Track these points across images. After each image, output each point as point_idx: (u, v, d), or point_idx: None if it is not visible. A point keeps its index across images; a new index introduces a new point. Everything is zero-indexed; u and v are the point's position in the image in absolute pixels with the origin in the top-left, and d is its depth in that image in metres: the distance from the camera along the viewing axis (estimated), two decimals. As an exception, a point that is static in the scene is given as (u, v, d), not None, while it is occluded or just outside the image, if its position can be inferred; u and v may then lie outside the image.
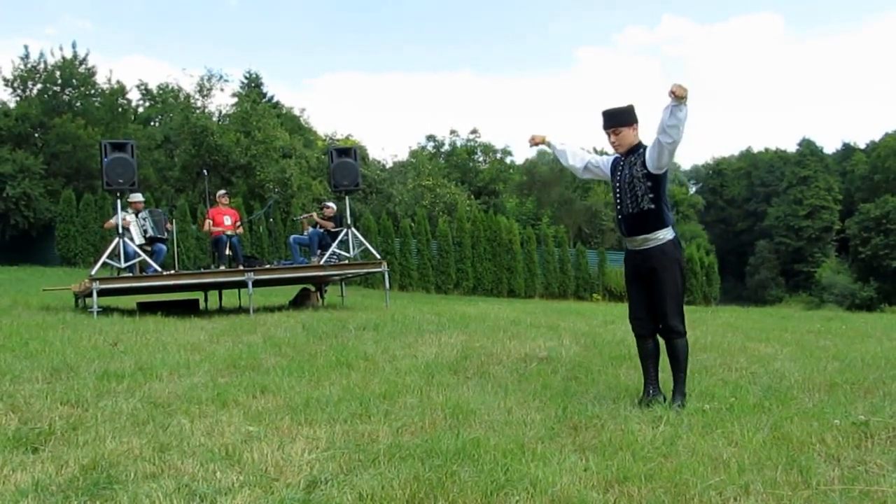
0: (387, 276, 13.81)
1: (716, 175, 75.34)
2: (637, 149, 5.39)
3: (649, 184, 5.28)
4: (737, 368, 6.92)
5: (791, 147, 70.01)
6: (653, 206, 5.29)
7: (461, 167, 52.17)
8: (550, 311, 14.93)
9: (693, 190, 76.94)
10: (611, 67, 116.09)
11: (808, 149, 65.75)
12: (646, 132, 5.46)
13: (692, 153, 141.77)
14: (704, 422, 4.81)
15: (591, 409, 5.13)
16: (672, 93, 4.93)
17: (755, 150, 75.84)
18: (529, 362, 7.17)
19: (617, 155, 5.58)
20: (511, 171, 56.16)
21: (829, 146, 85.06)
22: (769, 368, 6.87)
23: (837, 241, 62.97)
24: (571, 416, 4.98)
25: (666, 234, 5.35)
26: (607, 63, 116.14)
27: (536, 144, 5.98)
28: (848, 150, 70.66)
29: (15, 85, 34.70)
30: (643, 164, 5.29)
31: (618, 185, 5.46)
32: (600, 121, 5.46)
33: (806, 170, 63.62)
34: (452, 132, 56.04)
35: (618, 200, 5.48)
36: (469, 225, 34.05)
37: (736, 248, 66.41)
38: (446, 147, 55.30)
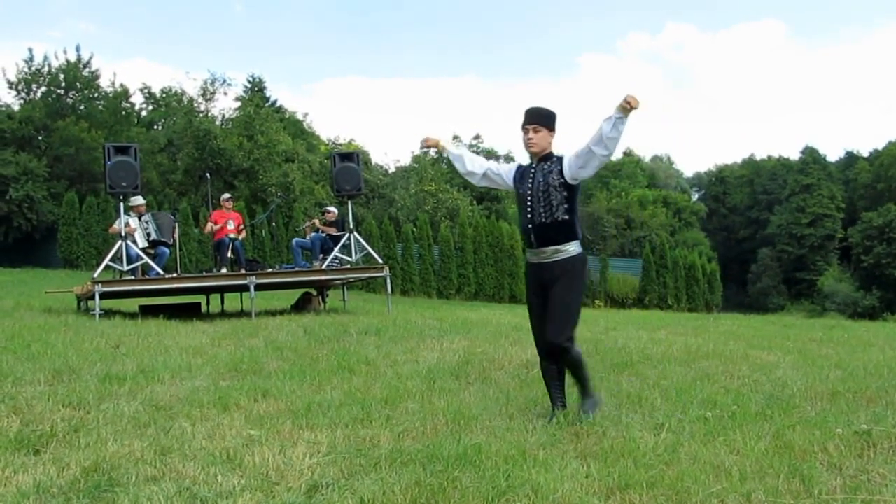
0: (388, 280, 13.82)
1: (718, 182, 75.34)
2: (550, 157, 5.16)
3: (565, 193, 5.06)
4: (739, 376, 6.91)
5: (794, 155, 70.06)
6: (567, 217, 5.07)
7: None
8: (552, 318, 14.92)
9: (695, 197, 76.94)
10: (613, 74, 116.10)
11: (811, 157, 65.71)
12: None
13: (695, 160, 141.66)
14: (706, 429, 4.80)
15: (593, 415, 5.12)
16: (628, 102, 4.78)
17: (758, 157, 75.86)
18: (531, 368, 7.15)
19: (519, 164, 5.41)
20: (514, 176, 56.10)
21: (832, 154, 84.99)
22: (771, 377, 6.85)
23: (840, 250, 62.87)
24: (573, 422, 4.97)
25: (576, 248, 5.14)
26: (610, 70, 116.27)
27: (429, 147, 5.76)
28: (851, 159, 70.65)
29: (19, 88, 34.79)
30: (560, 172, 5.07)
31: (529, 192, 5.16)
32: (524, 116, 5.20)
33: (809, 178, 63.55)
34: (455, 138, 55.97)
35: (528, 209, 5.15)
36: (471, 230, 34.05)
37: (738, 255, 66.33)
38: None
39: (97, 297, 11.36)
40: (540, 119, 5.16)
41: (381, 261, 14.46)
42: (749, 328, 13.20)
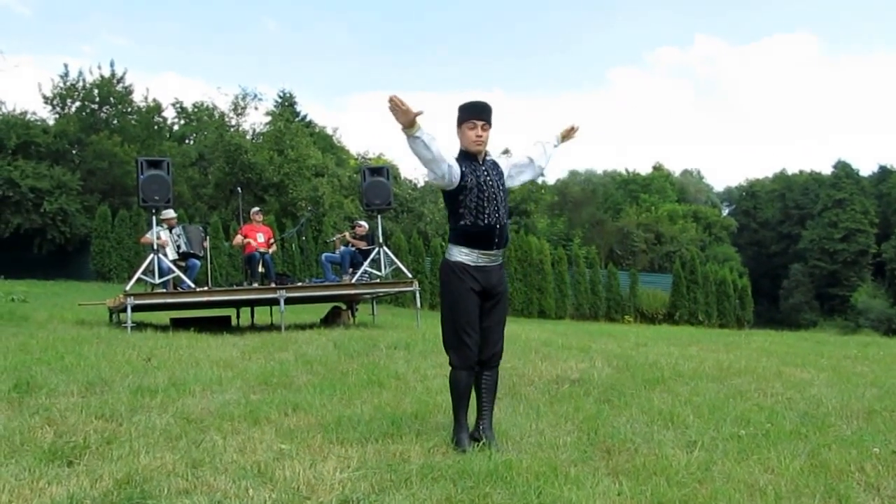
0: (418, 295, 13.83)
1: (749, 197, 74.73)
2: (487, 158, 4.89)
3: (507, 196, 4.95)
4: (772, 394, 6.84)
5: (826, 169, 69.26)
6: (508, 221, 4.94)
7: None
8: (582, 333, 14.89)
9: (726, 212, 76.31)
10: (642, 88, 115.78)
11: (844, 171, 65.02)
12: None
13: (725, 175, 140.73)
14: (740, 447, 4.75)
15: (624, 432, 5.09)
16: (573, 130, 4.97)
17: (789, 171, 75.19)
18: (561, 384, 7.13)
19: (456, 157, 4.82)
20: (542, 191, 56.08)
21: (865, 168, 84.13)
22: (805, 394, 6.78)
23: (873, 265, 62.12)
24: (604, 439, 4.94)
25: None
26: (639, 83, 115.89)
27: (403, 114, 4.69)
28: (884, 173, 69.78)
29: (54, 103, 35.26)
30: (501, 174, 4.89)
31: (493, 190, 4.79)
32: (471, 111, 4.80)
33: (841, 192, 62.90)
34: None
35: (495, 208, 4.77)
36: (500, 245, 33.95)
37: (769, 270, 65.68)
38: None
39: (129, 309, 11.44)
40: (490, 116, 4.83)
41: (410, 275, 14.48)
42: (781, 344, 13.07)
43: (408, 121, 4.53)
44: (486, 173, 4.83)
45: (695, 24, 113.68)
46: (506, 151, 38.83)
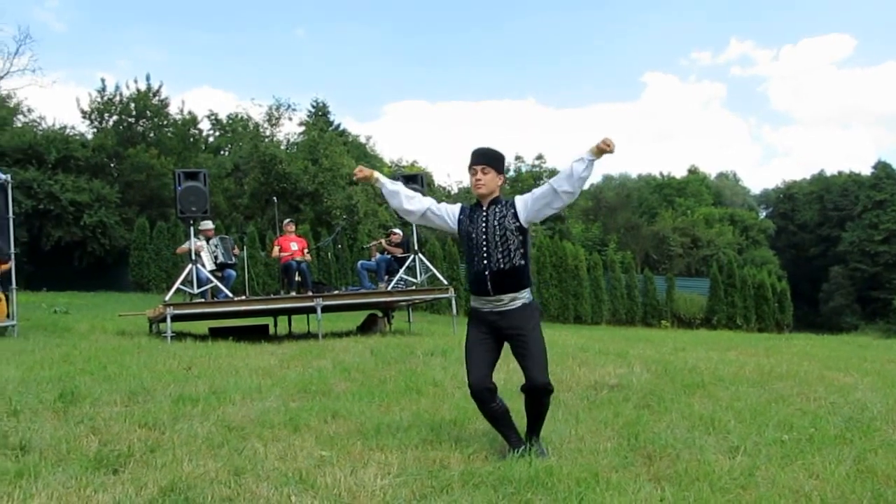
0: (454, 301, 13.84)
1: (786, 199, 73.85)
2: (498, 201, 4.95)
3: (521, 237, 4.86)
4: (815, 398, 6.74)
5: (865, 170, 68.35)
6: (523, 263, 4.87)
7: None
8: (618, 338, 14.79)
9: (763, 215, 75.51)
10: (677, 92, 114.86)
11: (884, 171, 63.98)
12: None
13: (762, 177, 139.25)
14: (783, 453, 4.70)
15: (665, 437, 5.05)
16: (606, 145, 4.67)
17: (828, 173, 74.29)
18: (600, 390, 7.10)
19: (463, 206, 5.11)
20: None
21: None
22: (849, 398, 6.67)
23: (917, 267, 61.13)
24: (645, 444, 4.91)
25: (530, 294, 4.95)
26: (673, 87, 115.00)
27: (362, 179, 5.23)
28: (925, 173, 68.72)
29: (92, 117, 35.84)
30: (514, 216, 4.86)
31: (484, 237, 4.87)
32: (468, 158, 4.98)
33: (882, 193, 61.90)
34: (518, 158, 56.14)
35: (484, 255, 4.86)
36: (535, 251, 33.90)
37: (808, 273, 64.80)
38: (511, 173, 55.30)
39: (169, 319, 11.57)
40: (489, 160, 4.94)
41: (445, 282, 14.49)
42: (823, 348, 12.91)
43: (367, 180, 5.25)
44: (484, 220, 4.91)
45: (729, 28, 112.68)
46: (539, 157, 38.57)
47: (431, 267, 14.66)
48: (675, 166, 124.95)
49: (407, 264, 14.21)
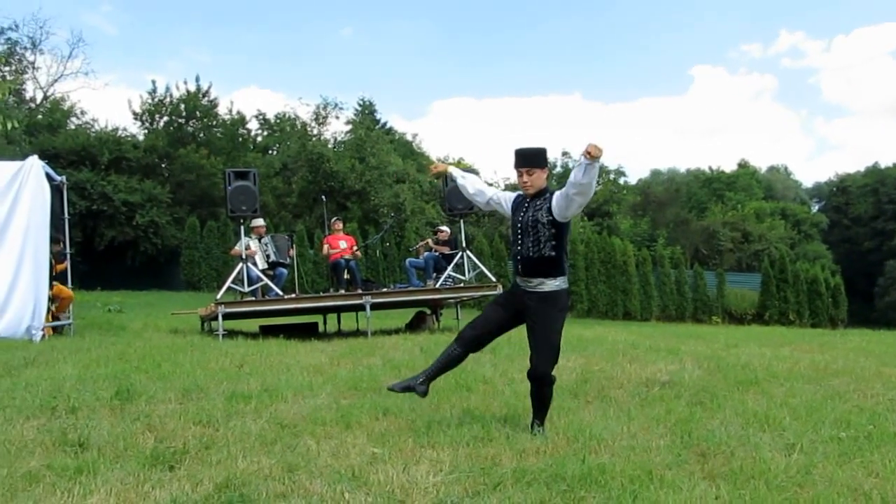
0: (502, 299, 13.79)
1: (840, 193, 72.49)
2: (543, 193, 5.29)
3: (553, 231, 5.19)
4: (872, 395, 6.63)
5: (921, 161, 66.94)
6: (553, 254, 5.20)
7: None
8: (669, 334, 14.68)
9: (815, 208, 74.31)
10: (726, 85, 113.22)
11: (941, 163, 62.72)
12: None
13: (814, 171, 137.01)
14: (840, 450, 4.63)
15: (719, 435, 5.00)
16: (587, 153, 4.84)
17: (882, 165, 72.78)
18: (651, 386, 7.05)
19: (518, 193, 5.51)
20: (625, 191, 55.45)
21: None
22: (908, 395, 6.55)
23: (975, 260, 59.67)
24: (698, 442, 4.87)
25: (561, 283, 5.26)
26: (722, 81, 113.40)
27: (437, 175, 6.18)
28: (984, 164, 67.05)
29: (143, 118, 36.42)
30: (549, 210, 5.19)
31: (520, 225, 5.33)
32: (512, 159, 5.35)
33: (939, 185, 60.70)
34: (564, 154, 55.81)
35: (518, 241, 5.34)
36: (583, 247, 33.72)
37: (863, 268, 63.51)
38: (558, 169, 54.98)
39: (220, 317, 11.71)
40: (530, 161, 5.29)
41: (493, 279, 14.47)
42: (880, 344, 12.67)
43: (442, 175, 6.00)
44: (524, 210, 5.34)
45: (778, 19, 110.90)
46: (565, 154, 38.19)
47: (479, 264, 14.63)
48: (724, 160, 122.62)
49: (455, 261, 14.20)
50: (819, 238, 63.25)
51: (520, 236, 5.31)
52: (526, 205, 5.34)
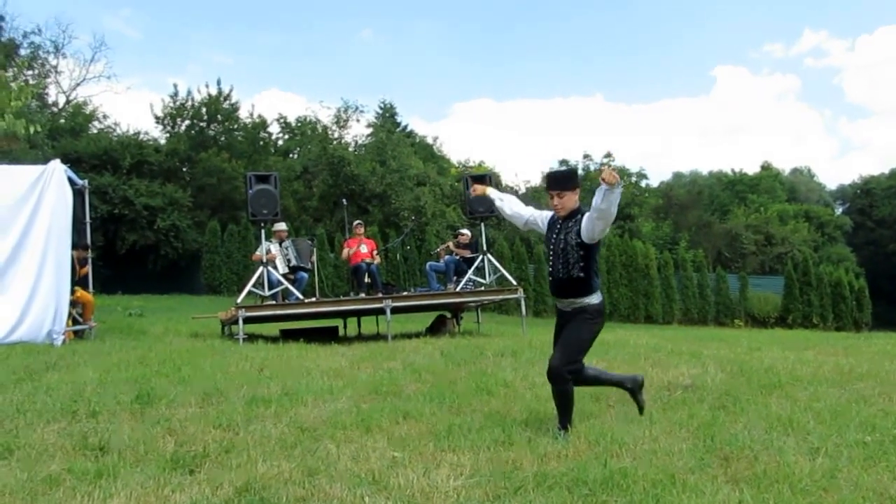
0: (523, 302, 13.77)
1: (864, 195, 71.88)
2: (575, 214, 5.48)
3: (581, 252, 5.36)
4: (898, 399, 6.55)
5: (948, 163, 66.23)
6: (582, 275, 5.38)
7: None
8: (691, 338, 14.57)
9: (839, 211, 73.64)
10: (748, 85, 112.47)
11: (967, 165, 62.09)
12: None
13: (837, 172, 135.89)
14: (866, 454, 4.57)
15: (742, 439, 4.96)
16: (603, 179, 5.01)
17: (907, 166, 72.13)
18: (673, 390, 7.00)
19: (554, 214, 5.67)
20: (647, 194, 55.25)
21: None
22: (935, 399, 6.47)
23: None
24: (721, 446, 4.82)
25: (592, 299, 5.46)
26: (744, 81, 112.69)
27: (477, 195, 6.56)
28: None
29: (165, 122, 36.61)
30: (578, 232, 5.36)
31: (552, 246, 5.54)
32: (547, 184, 5.63)
33: (965, 187, 60.07)
34: (586, 156, 55.59)
35: (550, 261, 5.56)
36: (604, 250, 33.58)
37: (888, 270, 62.92)
38: (580, 171, 54.85)
39: (241, 321, 11.73)
40: (561, 184, 5.52)
41: (514, 282, 14.44)
42: (905, 347, 12.51)
43: (482, 195, 6.47)
44: (556, 231, 5.54)
45: (801, 19, 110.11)
46: (607, 155, 38.20)
47: (500, 267, 14.61)
48: (747, 162, 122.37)
49: (475, 265, 14.19)
50: (843, 240, 62.74)
51: (551, 257, 5.53)
52: (559, 225, 5.53)
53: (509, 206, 6.05)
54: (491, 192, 6.27)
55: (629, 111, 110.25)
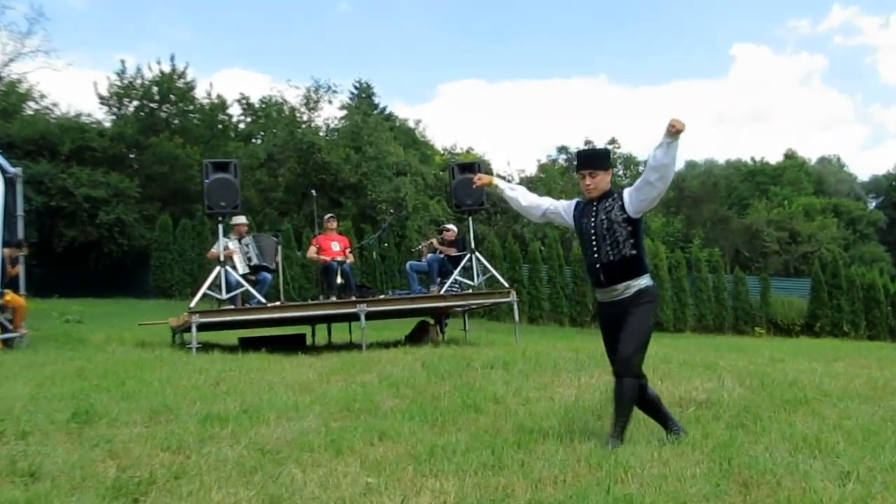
0: (516, 306, 13.77)
1: (900, 187, 72.57)
2: (610, 194, 5.70)
3: (630, 228, 5.60)
4: (939, 416, 6.58)
5: None
6: (634, 252, 5.61)
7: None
8: (706, 347, 14.63)
9: (872, 205, 74.11)
10: (770, 66, 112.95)
11: None
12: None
13: (870, 162, 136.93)
14: (903, 479, 4.58)
15: (763, 462, 4.95)
16: (672, 126, 5.17)
17: (949, 155, 72.70)
18: (686, 406, 7.02)
19: (578, 201, 5.93)
20: (656, 186, 55.37)
21: None
22: (980, 416, 6.50)
23: None
24: (739, 470, 4.82)
25: (647, 281, 5.67)
26: (766, 61, 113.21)
27: (482, 185, 6.50)
28: None
29: (111, 103, 36.38)
30: (622, 207, 5.59)
31: (593, 231, 5.69)
32: (579, 163, 5.86)
33: None
34: (587, 143, 55.81)
35: (594, 248, 5.69)
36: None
37: (926, 272, 63.60)
38: (581, 158, 54.95)
39: (194, 328, 11.68)
40: (594, 163, 5.76)
41: (506, 284, 14.44)
42: (946, 358, 12.61)
43: (487, 186, 6.41)
44: (594, 214, 5.70)
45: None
46: (612, 142, 38.49)
47: (490, 267, 14.59)
48: (769, 151, 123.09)
49: (462, 264, 14.17)
50: (876, 238, 63.16)
51: (594, 242, 5.66)
52: (594, 209, 5.71)
53: (523, 197, 6.15)
54: (498, 181, 6.34)
55: (636, 93, 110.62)
